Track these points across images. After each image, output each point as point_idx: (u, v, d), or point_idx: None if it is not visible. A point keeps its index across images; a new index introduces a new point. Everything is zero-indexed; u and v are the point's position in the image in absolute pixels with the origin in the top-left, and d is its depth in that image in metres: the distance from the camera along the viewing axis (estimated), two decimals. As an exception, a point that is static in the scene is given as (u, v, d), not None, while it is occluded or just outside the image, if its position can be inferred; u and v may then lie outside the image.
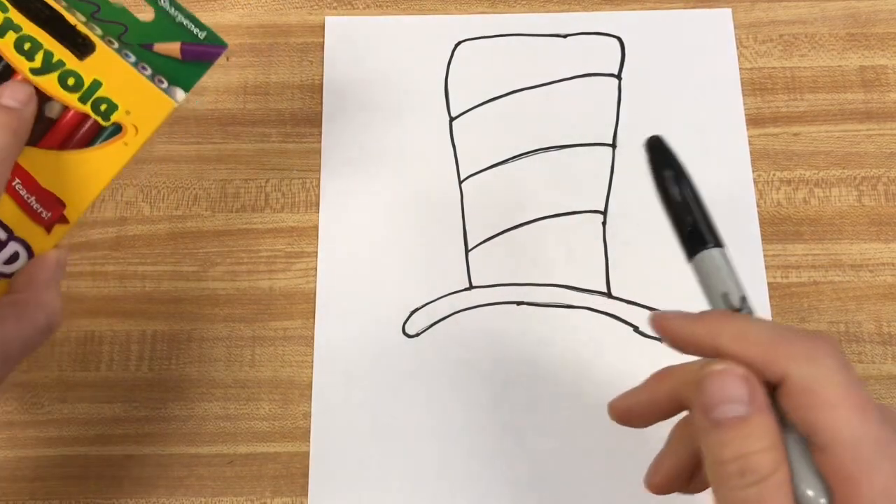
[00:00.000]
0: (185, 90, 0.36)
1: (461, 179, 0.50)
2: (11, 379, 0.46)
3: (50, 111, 0.35)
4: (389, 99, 0.51)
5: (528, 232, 0.49)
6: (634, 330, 0.47)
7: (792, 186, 0.49)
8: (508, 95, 0.51)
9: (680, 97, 0.51)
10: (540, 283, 0.48)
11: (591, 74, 0.51)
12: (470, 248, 0.48)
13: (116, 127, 0.35)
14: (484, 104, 0.51)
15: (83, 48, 0.35)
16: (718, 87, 0.51)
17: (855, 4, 0.53)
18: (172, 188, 0.50)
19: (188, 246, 0.49)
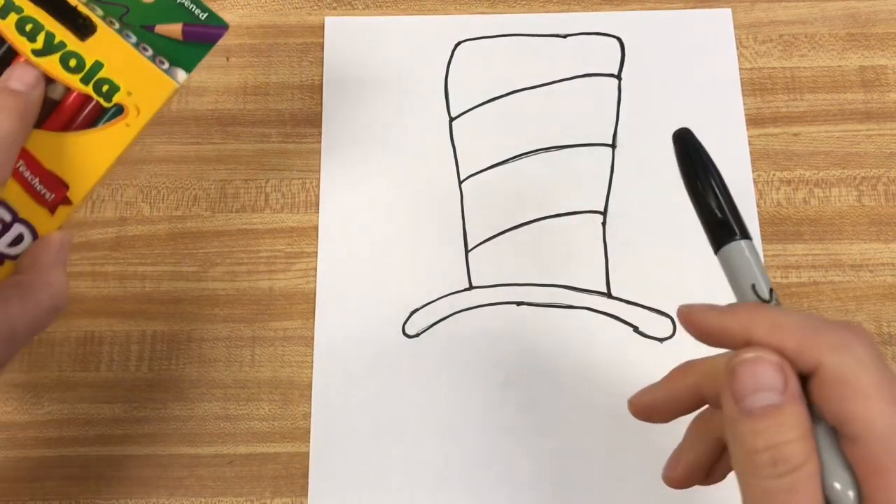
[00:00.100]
0: (186, 71, 0.36)
1: (461, 179, 0.50)
2: (11, 379, 0.46)
3: (53, 93, 0.35)
4: (389, 99, 0.51)
5: (528, 232, 0.49)
6: (634, 330, 0.47)
7: (792, 186, 0.49)
8: (508, 95, 0.51)
9: (680, 97, 0.51)
10: (540, 283, 0.48)
11: (591, 74, 0.51)
12: (470, 248, 0.48)
13: (118, 108, 0.35)
14: (484, 104, 0.51)
15: (84, 29, 0.35)
16: (718, 87, 0.51)
17: (855, 4, 0.53)
18: (172, 188, 0.50)
19: (188, 246, 0.49)
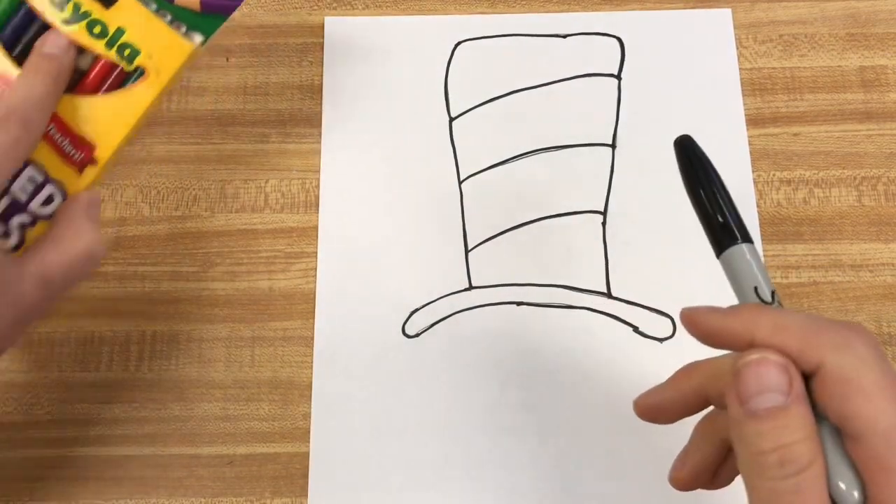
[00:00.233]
0: (203, 35, 0.39)
1: (461, 179, 0.50)
2: (11, 379, 0.46)
3: (81, 62, 0.38)
4: (389, 99, 0.51)
5: (528, 232, 0.49)
6: (634, 330, 0.47)
7: (792, 186, 0.49)
8: (508, 95, 0.51)
9: (680, 97, 0.51)
10: (540, 283, 0.48)
11: (590, 74, 0.51)
12: (470, 248, 0.48)
13: (140, 71, 0.38)
14: (484, 104, 0.51)
15: None
16: (718, 87, 0.51)
17: (855, 4, 0.53)
18: (172, 188, 0.50)
19: (188, 246, 0.49)
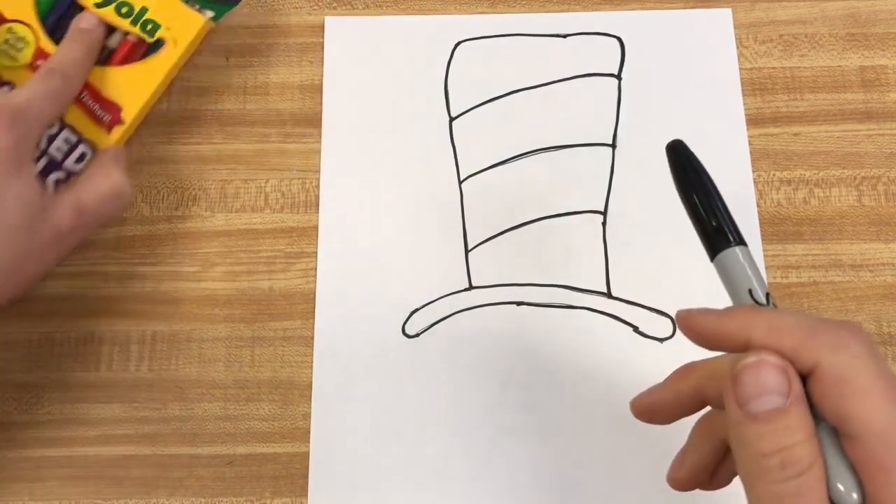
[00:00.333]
0: (214, 13, 0.48)
1: (461, 179, 0.50)
2: (11, 379, 0.46)
3: (111, 41, 0.47)
4: (389, 99, 0.51)
5: (528, 232, 0.49)
6: (634, 330, 0.47)
7: (792, 186, 0.49)
8: (508, 95, 0.51)
9: (680, 97, 0.51)
10: (540, 283, 0.48)
11: (590, 74, 0.51)
12: (470, 248, 0.48)
13: (160, 43, 0.47)
14: (484, 104, 0.51)
15: None
16: (718, 87, 0.51)
17: (855, 4, 0.53)
18: (172, 188, 0.50)
19: (188, 246, 0.49)
